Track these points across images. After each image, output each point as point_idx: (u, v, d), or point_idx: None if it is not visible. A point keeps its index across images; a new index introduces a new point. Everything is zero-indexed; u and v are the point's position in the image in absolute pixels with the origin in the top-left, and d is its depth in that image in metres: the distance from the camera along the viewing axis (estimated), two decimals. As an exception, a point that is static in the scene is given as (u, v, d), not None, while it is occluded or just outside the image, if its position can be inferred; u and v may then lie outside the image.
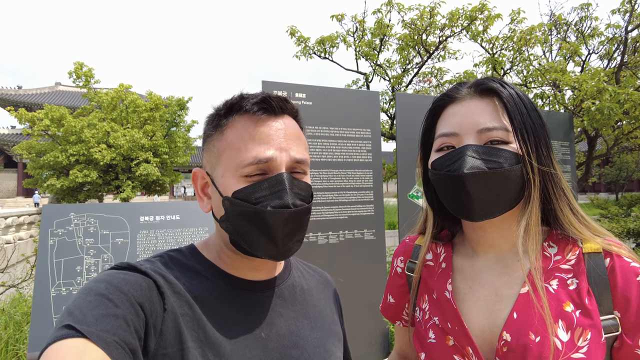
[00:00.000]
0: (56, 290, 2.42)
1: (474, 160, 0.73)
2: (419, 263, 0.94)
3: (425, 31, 6.65)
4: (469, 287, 0.83)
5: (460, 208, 0.77)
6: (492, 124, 0.75)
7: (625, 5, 6.14)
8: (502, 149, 0.74)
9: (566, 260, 0.76)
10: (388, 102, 7.70)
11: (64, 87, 32.87)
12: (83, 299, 0.59)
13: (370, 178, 3.38)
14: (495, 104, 0.78)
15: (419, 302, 0.92)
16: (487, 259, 0.83)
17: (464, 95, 0.81)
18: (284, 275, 0.85)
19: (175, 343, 0.63)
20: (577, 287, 0.72)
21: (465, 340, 0.76)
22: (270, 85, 3.09)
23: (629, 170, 18.27)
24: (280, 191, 0.67)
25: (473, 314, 0.79)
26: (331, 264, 3.00)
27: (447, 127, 0.81)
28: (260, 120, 0.71)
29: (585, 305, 0.70)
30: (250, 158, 0.69)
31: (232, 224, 0.71)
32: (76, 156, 14.12)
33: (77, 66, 14.80)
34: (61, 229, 2.51)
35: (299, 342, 0.77)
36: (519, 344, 0.70)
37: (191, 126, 17.47)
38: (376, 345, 3.28)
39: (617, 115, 4.70)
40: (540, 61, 6.76)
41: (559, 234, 0.80)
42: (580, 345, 0.67)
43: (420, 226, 1.00)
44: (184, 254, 0.77)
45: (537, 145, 0.76)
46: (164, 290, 0.66)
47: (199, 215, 2.87)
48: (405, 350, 1.07)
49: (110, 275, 0.64)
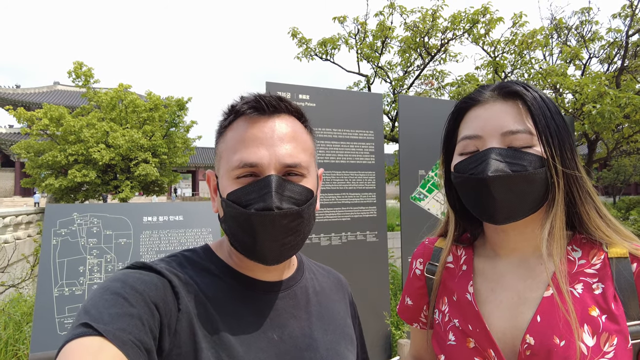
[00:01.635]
0: (59, 290, 2.40)
1: (498, 163, 0.72)
2: (440, 265, 0.93)
3: (427, 34, 6.67)
4: (490, 290, 0.82)
5: (484, 211, 0.77)
6: (515, 127, 0.75)
7: (625, 10, 6.17)
8: (526, 152, 0.74)
9: (591, 265, 0.75)
10: (389, 104, 7.71)
11: (63, 87, 32.80)
12: (99, 297, 0.59)
13: (373, 180, 3.39)
14: (519, 107, 0.77)
15: (438, 304, 0.91)
16: (509, 262, 0.83)
17: (487, 99, 0.80)
18: (297, 276, 0.84)
19: (189, 343, 0.63)
20: (603, 291, 0.71)
21: (487, 342, 0.76)
22: (274, 86, 3.09)
23: (627, 174, 18.33)
24: (265, 194, 0.66)
25: (495, 316, 0.78)
26: (333, 266, 2.96)
27: (470, 130, 0.80)
28: (252, 121, 0.71)
29: (611, 310, 0.69)
30: (236, 160, 0.69)
31: (227, 225, 0.72)
32: (75, 156, 14.08)
33: (77, 66, 14.78)
34: (64, 229, 2.50)
35: (311, 344, 0.76)
36: (542, 348, 0.69)
37: (190, 127, 17.44)
38: (378, 347, 3.28)
39: (617, 119, 4.72)
40: (542, 65, 6.79)
41: (583, 237, 0.79)
42: (606, 350, 0.67)
43: (441, 229, 0.99)
44: (199, 254, 0.77)
45: (562, 148, 0.75)
46: (179, 290, 0.66)
47: (203, 216, 2.86)
48: (421, 353, 1.06)
49: (125, 275, 0.64)
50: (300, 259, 0.90)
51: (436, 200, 3.46)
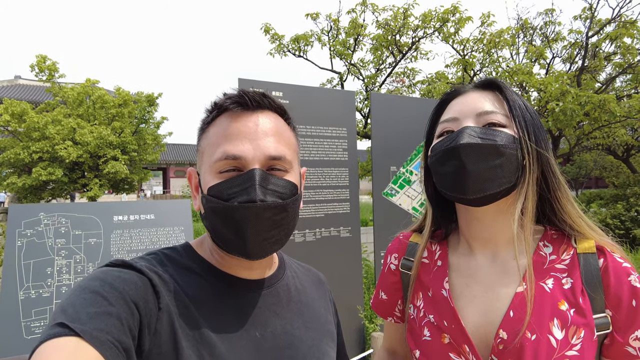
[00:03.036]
0: (25, 293, 2.33)
1: (470, 137, 0.75)
2: (416, 261, 0.93)
3: (399, 32, 6.76)
4: (465, 285, 0.83)
5: (455, 183, 0.77)
6: (491, 108, 0.78)
7: (586, 12, 6.44)
8: (499, 130, 0.76)
9: (561, 260, 0.77)
10: (362, 101, 7.78)
11: (26, 81, 31.36)
12: (77, 296, 0.57)
13: (347, 176, 3.43)
14: (496, 95, 0.81)
15: (413, 299, 0.92)
16: (484, 257, 0.84)
17: (468, 90, 0.84)
18: (278, 274, 0.84)
19: (169, 342, 0.62)
20: (572, 286, 0.74)
21: (461, 338, 0.77)
22: (247, 82, 3.07)
23: (588, 168, 19.13)
24: (249, 187, 0.66)
25: (469, 311, 0.79)
26: (308, 261, 2.99)
27: (448, 114, 0.84)
28: (235, 116, 0.71)
29: (579, 304, 0.72)
30: (219, 153, 0.68)
31: (209, 221, 0.71)
32: (39, 153, 13.49)
33: (40, 59, 14.13)
34: (30, 230, 2.42)
35: (293, 342, 0.77)
36: (515, 342, 0.71)
37: (161, 123, 17.00)
38: (352, 341, 3.33)
39: (578, 116, 4.94)
40: (509, 63, 7.01)
41: (554, 233, 0.81)
42: (573, 343, 0.69)
43: (418, 224, 1.00)
44: (179, 252, 0.76)
45: (536, 133, 0.78)
46: (159, 289, 0.65)
47: (175, 215, 2.83)
48: (395, 346, 1.07)
49: (105, 273, 0.62)
50: (281, 257, 0.90)
51: (407, 196, 3.54)
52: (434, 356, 0.81)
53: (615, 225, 8.23)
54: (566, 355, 0.68)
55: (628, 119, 5.95)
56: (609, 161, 14.98)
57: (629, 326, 0.71)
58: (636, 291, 0.71)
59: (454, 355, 0.78)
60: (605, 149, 10.84)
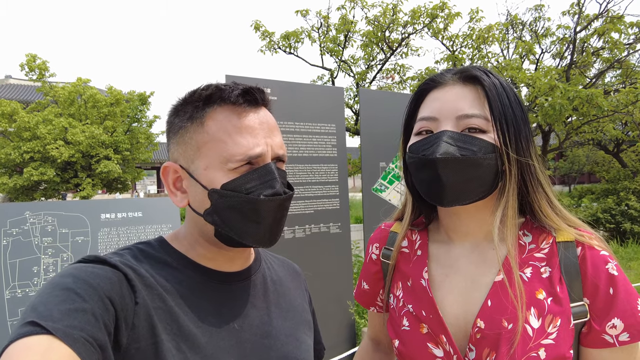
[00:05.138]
0: (11, 292, 2.32)
1: (448, 146, 0.73)
2: (395, 250, 0.93)
3: (389, 28, 6.78)
4: (444, 275, 0.83)
5: (431, 192, 0.77)
6: (471, 111, 0.75)
7: (574, 8, 6.49)
8: (478, 137, 0.74)
9: (540, 249, 0.77)
10: (353, 97, 7.79)
11: (16, 81, 31.02)
12: (48, 293, 0.56)
13: (336, 172, 3.43)
14: (478, 92, 0.77)
15: (392, 288, 0.92)
16: (463, 247, 0.84)
17: (447, 81, 0.81)
18: (255, 266, 0.85)
19: (148, 336, 0.62)
20: (550, 275, 0.74)
21: (439, 328, 0.77)
22: (234, 79, 3.06)
23: (580, 164, 19.28)
24: (271, 180, 0.69)
25: (448, 302, 0.79)
26: (298, 258, 3.02)
27: (427, 111, 0.80)
28: (243, 111, 0.71)
29: (556, 293, 0.72)
30: (239, 154, 0.68)
31: (219, 216, 0.70)
32: (31, 153, 13.39)
33: (30, 58, 14.01)
34: (15, 229, 2.41)
35: (271, 331, 0.78)
36: (491, 331, 0.71)
37: (153, 121, 16.92)
38: (343, 336, 3.35)
39: (567, 111, 4.98)
40: (498, 58, 7.04)
41: (534, 222, 0.81)
42: (550, 331, 0.69)
43: (399, 212, 1.00)
44: (153, 246, 0.76)
45: (517, 137, 0.76)
46: (135, 283, 0.64)
47: (162, 212, 2.82)
48: (378, 336, 1.08)
49: (77, 269, 0.61)
50: (257, 249, 0.91)
51: (397, 192, 3.56)
52: (413, 346, 0.81)
53: (605, 219, 8.34)
54: (542, 344, 0.69)
55: (616, 113, 6.01)
56: (600, 156, 15.11)
57: (605, 314, 0.70)
58: (613, 279, 0.71)
59: (432, 345, 0.78)
60: (596, 144, 10.95)
